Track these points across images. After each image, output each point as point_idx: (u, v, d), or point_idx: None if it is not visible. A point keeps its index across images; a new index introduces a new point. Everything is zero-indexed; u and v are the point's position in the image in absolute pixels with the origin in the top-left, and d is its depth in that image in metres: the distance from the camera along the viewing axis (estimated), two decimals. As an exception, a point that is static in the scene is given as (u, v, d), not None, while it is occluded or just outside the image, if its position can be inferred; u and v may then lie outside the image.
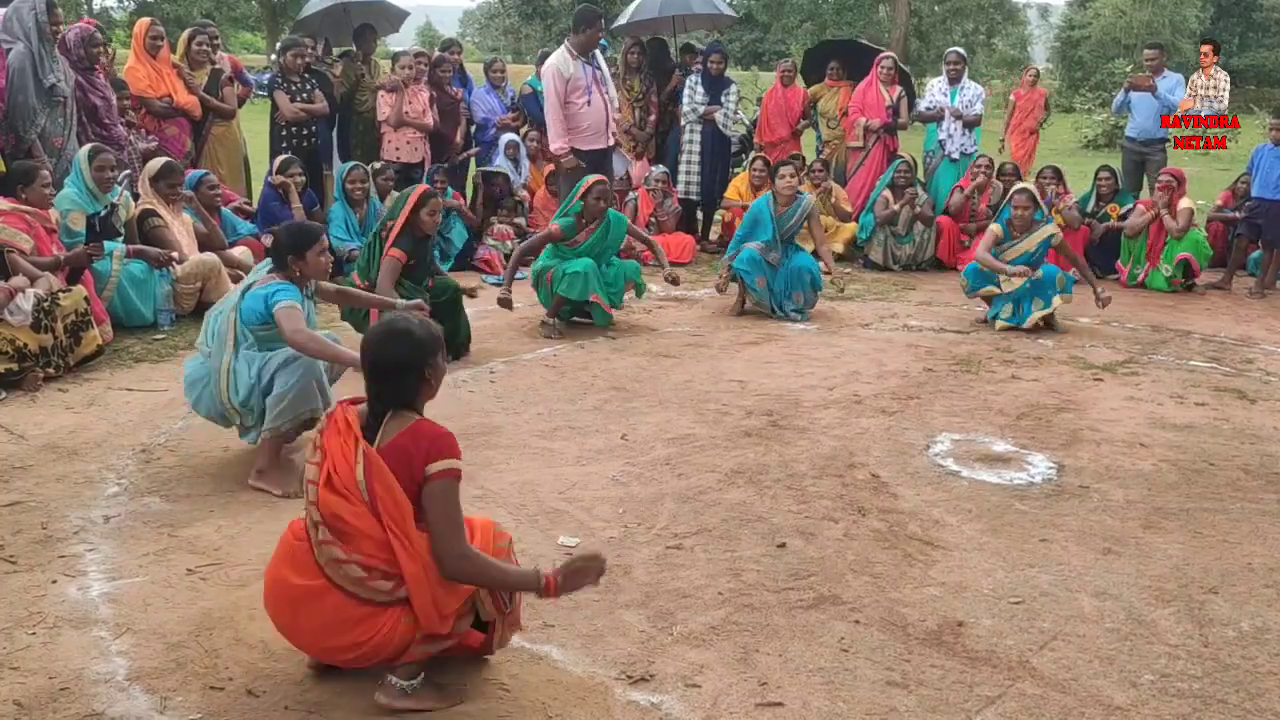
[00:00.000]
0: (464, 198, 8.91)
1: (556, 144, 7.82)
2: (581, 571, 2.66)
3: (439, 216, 5.74)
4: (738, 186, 9.27)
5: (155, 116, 7.57)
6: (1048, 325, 6.77)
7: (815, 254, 7.27)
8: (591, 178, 6.62)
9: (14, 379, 4.94)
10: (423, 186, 5.85)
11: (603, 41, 9.98)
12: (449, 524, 2.54)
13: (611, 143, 8.20)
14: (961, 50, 10.00)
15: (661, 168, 9.24)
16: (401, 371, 2.63)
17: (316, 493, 2.56)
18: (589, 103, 7.80)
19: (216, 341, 4.02)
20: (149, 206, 6.45)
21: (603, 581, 3.24)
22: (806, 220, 7.06)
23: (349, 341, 4.07)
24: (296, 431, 4.05)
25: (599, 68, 8.00)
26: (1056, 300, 6.67)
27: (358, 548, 2.53)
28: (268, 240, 6.47)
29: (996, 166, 8.99)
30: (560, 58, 7.69)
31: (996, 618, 3.16)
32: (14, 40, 6.27)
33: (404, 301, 4.77)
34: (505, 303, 6.42)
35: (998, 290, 6.75)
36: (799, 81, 10.11)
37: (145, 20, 7.89)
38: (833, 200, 9.24)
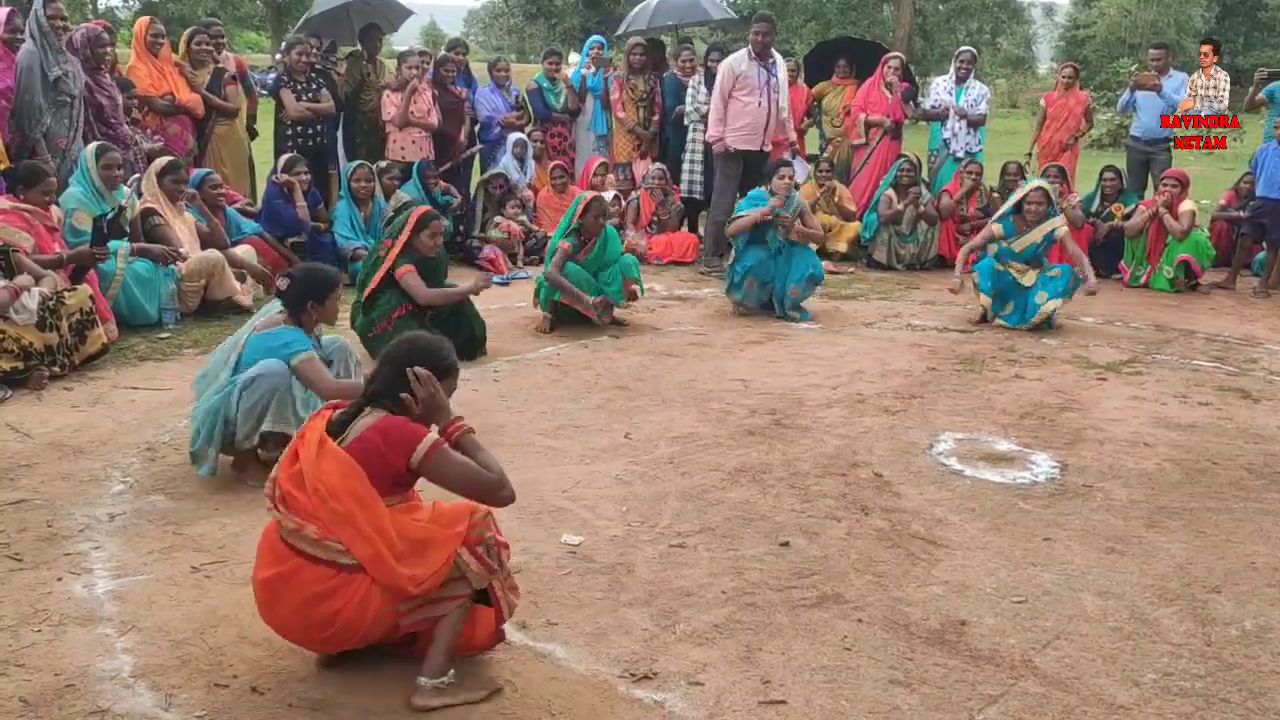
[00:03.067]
0: (463, 196, 8.91)
1: (711, 132, 8.29)
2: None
3: (439, 239, 5.66)
4: None
5: (158, 114, 7.59)
6: (1045, 325, 6.76)
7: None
8: (588, 195, 6.66)
9: (19, 377, 4.95)
10: (421, 209, 5.74)
11: (601, 40, 9.99)
12: (465, 482, 2.68)
13: (767, 147, 8.34)
14: (974, 50, 9.98)
15: (659, 165, 9.22)
16: (398, 370, 2.70)
17: (279, 470, 2.67)
18: (759, 104, 8.09)
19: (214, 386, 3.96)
20: (150, 205, 6.47)
21: (607, 580, 3.29)
22: (800, 216, 7.04)
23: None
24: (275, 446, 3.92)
25: (775, 74, 8.16)
26: (1053, 303, 6.65)
27: (311, 519, 2.59)
28: (293, 267, 6.44)
29: (1000, 167, 8.98)
30: (738, 55, 8.18)
31: (999, 616, 3.16)
32: (25, 38, 6.35)
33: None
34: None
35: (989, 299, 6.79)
36: (802, 80, 10.11)
37: (145, 19, 7.93)
38: (836, 199, 9.24)
